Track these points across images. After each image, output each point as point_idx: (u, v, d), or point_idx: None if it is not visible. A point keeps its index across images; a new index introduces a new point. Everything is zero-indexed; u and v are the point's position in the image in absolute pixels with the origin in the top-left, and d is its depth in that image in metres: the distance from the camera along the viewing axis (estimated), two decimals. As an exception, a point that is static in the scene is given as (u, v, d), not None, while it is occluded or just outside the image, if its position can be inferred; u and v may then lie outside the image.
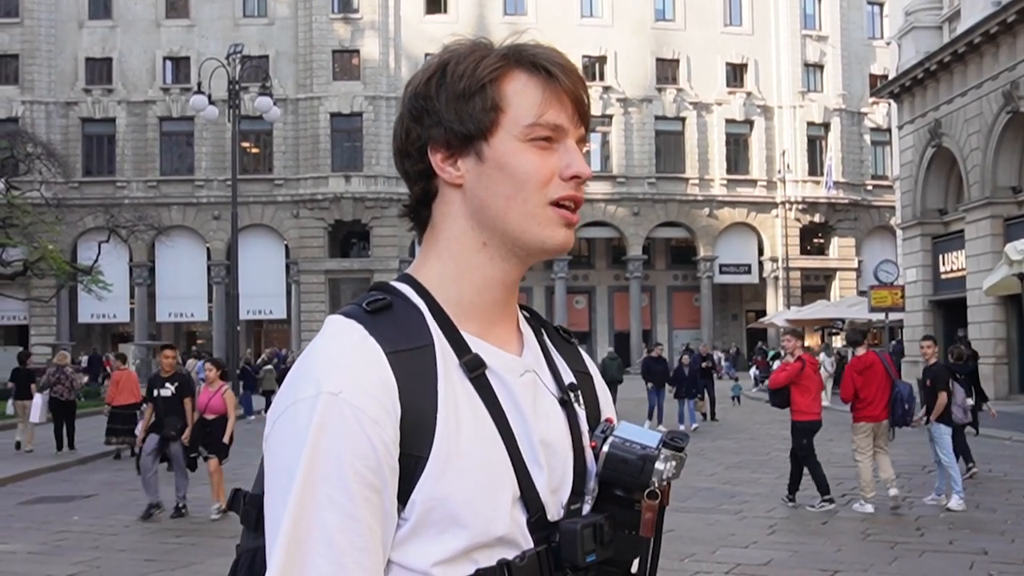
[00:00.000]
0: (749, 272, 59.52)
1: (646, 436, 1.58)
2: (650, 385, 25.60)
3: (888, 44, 44.98)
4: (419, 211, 1.63)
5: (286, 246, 56.14)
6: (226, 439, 13.67)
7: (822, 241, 60.52)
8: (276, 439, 1.44)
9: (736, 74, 59.31)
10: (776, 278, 57.89)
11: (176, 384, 14.00)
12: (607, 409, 1.74)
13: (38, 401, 22.28)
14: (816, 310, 46.54)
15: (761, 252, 59.14)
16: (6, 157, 37.60)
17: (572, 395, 1.64)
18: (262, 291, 53.79)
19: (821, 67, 59.60)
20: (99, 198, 51.85)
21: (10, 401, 24.52)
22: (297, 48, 56.58)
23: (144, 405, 21.55)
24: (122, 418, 20.41)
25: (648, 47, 58.15)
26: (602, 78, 57.77)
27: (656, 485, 1.53)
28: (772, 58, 59.00)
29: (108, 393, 21.73)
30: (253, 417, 30.52)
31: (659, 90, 58.10)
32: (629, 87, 57.73)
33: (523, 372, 1.58)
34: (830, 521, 12.32)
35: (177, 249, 53.86)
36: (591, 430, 1.63)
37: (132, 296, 55.23)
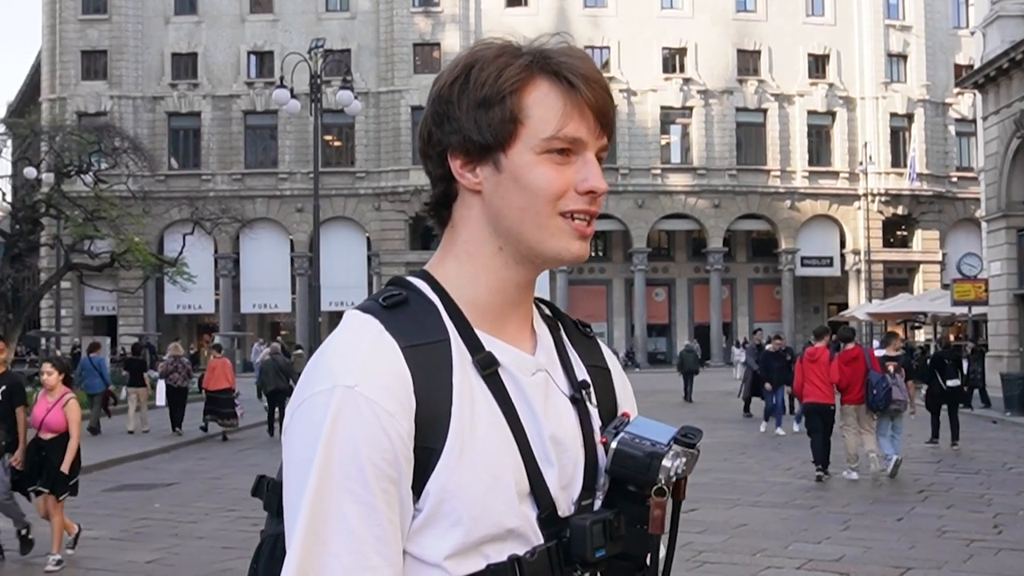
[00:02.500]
0: (831, 265, 58.91)
1: (659, 432, 1.59)
2: (767, 387, 22.63)
3: (973, 34, 44.19)
4: (439, 211, 1.67)
5: (367, 238, 56.65)
6: (65, 467, 10.11)
7: (905, 234, 59.68)
8: (293, 431, 1.48)
9: (818, 65, 58.67)
10: (858, 271, 57.13)
11: (4, 388, 10.56)
12: (625, 403, 1.76)
13: (161, 387, 24.85)
14: (899, 303, 45.82)
15: (843, 245, 58.49)
16: (94, 151, 38.30)
17: (584, 392, 1.66)
18: (344, 283, 54.25)
19: (905, 57, 58.73)
20: (184, 191, 52.36)
21: (124, 388, 25.94)
22: (378, 42, 57.03)
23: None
24: (220, 402, 22.82)
25: (729, 38, 57.73)
26: (682, 70, 57.51)
27: (663, 482, 1.55)
28: (855, 48, 58.25)
29: (204, 379, 24.06)
30: None
31: (740, 81, 57.70)
32: (710, 79, 57.37)
33: (535, 371, 1.61)
34: (905, 517, 12.22)
35: (261, 241, 54.60)
36: (606, 424, 1.65)
37: (217, 287, 56.05)
